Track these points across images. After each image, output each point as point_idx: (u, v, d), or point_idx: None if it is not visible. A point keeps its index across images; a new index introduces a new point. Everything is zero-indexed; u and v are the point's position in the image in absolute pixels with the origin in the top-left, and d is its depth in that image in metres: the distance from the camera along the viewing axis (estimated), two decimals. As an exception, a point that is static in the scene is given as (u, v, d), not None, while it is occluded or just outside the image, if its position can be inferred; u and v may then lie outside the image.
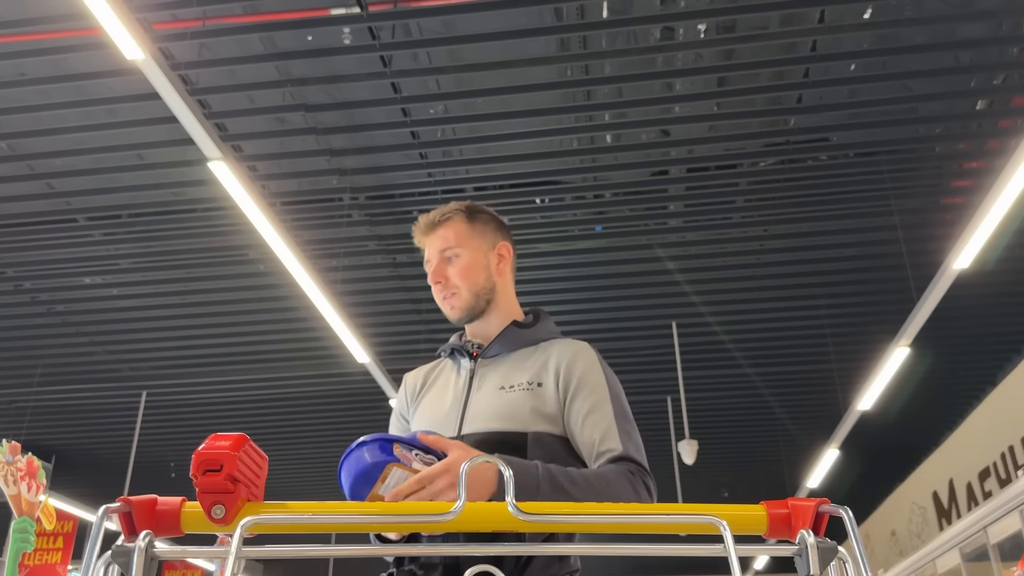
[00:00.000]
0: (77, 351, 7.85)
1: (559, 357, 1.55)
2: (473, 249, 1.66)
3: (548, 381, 1.52)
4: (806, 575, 0.69)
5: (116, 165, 5.46)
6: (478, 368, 1.62)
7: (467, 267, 1.65)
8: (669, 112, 5.09)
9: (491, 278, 1.68)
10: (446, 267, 1.66)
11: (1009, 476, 7.49)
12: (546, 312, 1.74)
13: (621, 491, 1.35)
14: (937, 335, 6.75)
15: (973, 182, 5.47)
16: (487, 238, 1.70)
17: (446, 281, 1.65)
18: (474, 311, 1.65)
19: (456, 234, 1.67)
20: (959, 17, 4.43)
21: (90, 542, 0.75)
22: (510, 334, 1.63)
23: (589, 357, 1.56)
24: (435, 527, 0.69)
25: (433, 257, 1.68)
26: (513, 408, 1.49)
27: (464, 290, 1.64)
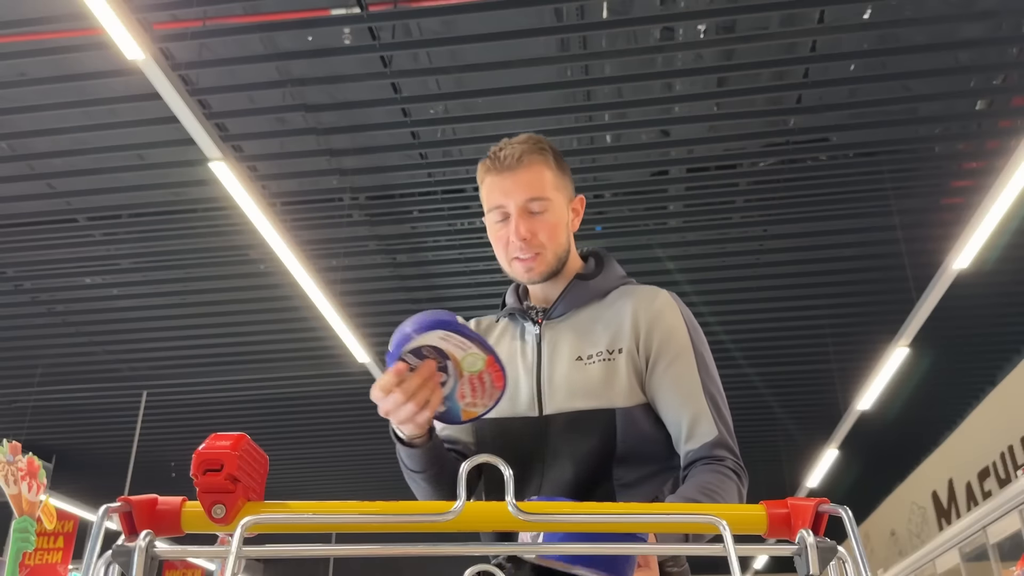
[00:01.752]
0: (77, 351, 7.85)
1: (637, 314, 1.37)
2: (560, 202, 1.42)
3: (627, 344, 1.36)
4: (805, 575, 0.69)
5: (116, 165, 5.47)
6: (545, 332, 1.43)
7: (556, 224, 1.41)
8: (669, 112, 5.09)
9: (569, 236, 1.46)
10: (532, 221, 1.39)
11: (1009, 476, 7.49)
12: (607, 253, 1.53)
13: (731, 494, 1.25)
14: (937, 335, 6.75)
15: (973, 182, 5.47)
16: (569, 189, 1.47)
17: (532, 238, 1.39)
18: (553, 272, 1.44)
19: (548, 181, 1.40)
20: (959, 17, 4.44)
21: (90, 542, 0.75)
22: (575, 290, 1.43)
23: (672, 313, 1.38)
24: (434, 527, 0.69)
25: (511, 205, 1.39)
26: (596, 382, 1.34)
27: (550, 252, 1.41)
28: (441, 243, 6.30)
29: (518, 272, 1.43)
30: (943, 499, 9.25)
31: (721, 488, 1.24)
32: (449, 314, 1.10)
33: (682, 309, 1.40)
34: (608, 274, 1.47)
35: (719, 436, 1.30)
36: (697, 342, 1.38)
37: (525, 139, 1.43)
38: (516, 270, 1.43)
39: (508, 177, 1.39)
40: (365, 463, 10.91)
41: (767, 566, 13.99)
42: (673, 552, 0.77)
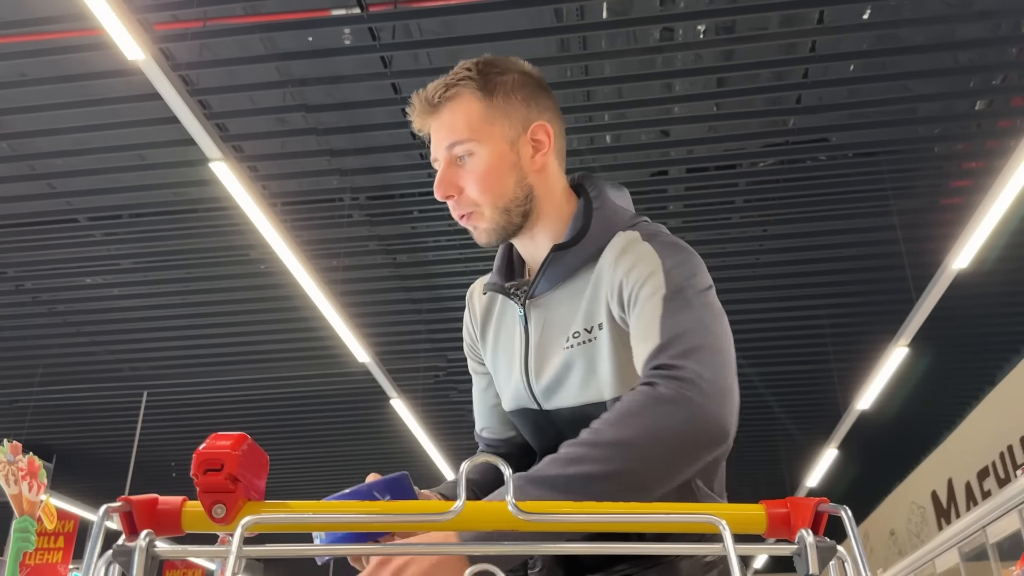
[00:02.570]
0: (78, 351, 7.86)
1: (612, 275, 1.12)
2: (495, 141, 1.15)
3: (605, 316, 1.12)
4: (805, 574, 0.69)
5: (117, 165, 5.47)
6: (529, 313, 1.21)
7: (487, 171, 1.14)
8: (669, 112, 5.10)
9: (525, 180, 1.17)
10: (456, 172, 1.15)
11: (1008, 476, 7.50)
12: (600, 196, 1.21)
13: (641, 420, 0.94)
14: (936, 335, 6.76)
15: (972, 182, 5.47)
16: (515, 119, 1.16)
17: (459, 194, 1.16)
18: (507, 231, 1.18)
19: (468, 120, 1.14)
20: (958, 18, 4.44)
21: (91, 542, 0.75)
22: (554, 265, 1.17)
23: (646, 261, 1.09)
24: (435, 526, 0.69)
25: (440, 155, 1.17)
26: (577, 372, 1.15)
27: (487, 206, 1.16)
28: (441, 243, 6.31)
29: (472, 233, 1.20)
30: (943, 499, 9.26)
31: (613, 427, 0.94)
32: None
33: (660, 250, 1.11)
34: (594, 233, 1.17)
35: (660, 346, 1.00)
36: (674, 281, 1.07)
37: (453, 70, 1.18)
38: (469, 230, 1.21)
39: (430, 121, 1.17)
40: (365, 463, 10.92)
41: (767, 566, 14.00)
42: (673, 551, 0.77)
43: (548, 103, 1.22)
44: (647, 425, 0.94)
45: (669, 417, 0.94)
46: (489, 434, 1.35)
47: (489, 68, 1.17)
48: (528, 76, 1.20)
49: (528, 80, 1.20)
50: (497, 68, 1.18)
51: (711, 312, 1.07)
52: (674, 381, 0.96)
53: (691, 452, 0.95)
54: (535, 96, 1.20)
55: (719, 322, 1.06)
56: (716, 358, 1.00)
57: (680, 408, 0.95)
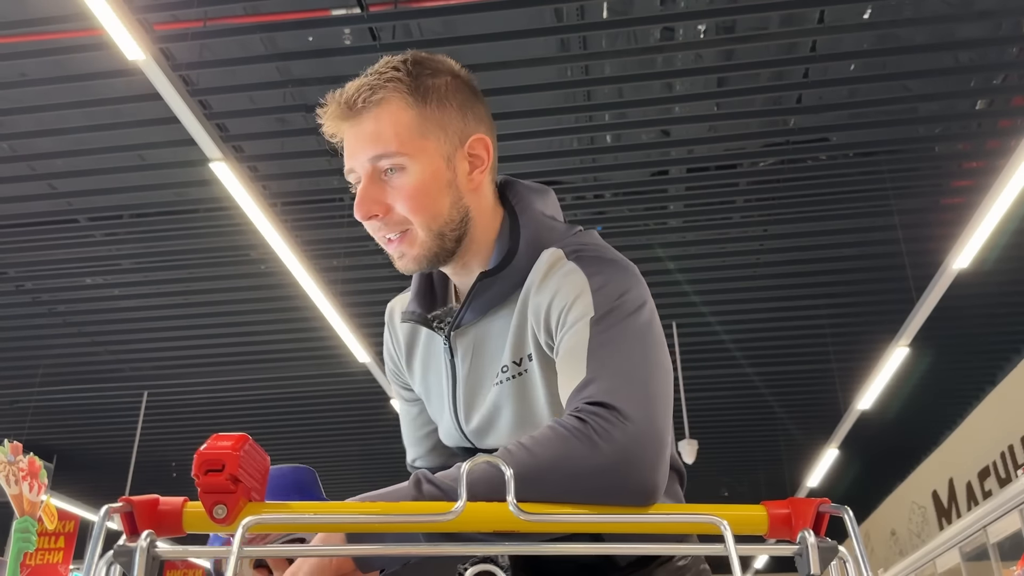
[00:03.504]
0: (79, 351, 7.86)
1: (536, 303, 1.01)
2: (429, 156, 1.01)
3: (533, 346, 1.02)
4: (807, 575, 0.69)
5: (118, 166, 5.47)
6: (455, 345, 1.10)
7: (419, 189, 1.01)
8: (669, 112, 5.10)
9: (461, 201, 1.04)
10: (382, 188, 1.01)
11: (1009, 475, 7.49)
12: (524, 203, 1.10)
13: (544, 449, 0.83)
14: (937, 335, 6.76)
15: (973, 182, 5.47)
16: (451, 131, 1.03)
17: (385, 213, 1.02)
18: (438, 258, 1.05)
19: (397, 131, 1.00)
20: (959, 17, 4.44)
21: (92, 542, 0.75)
22: (480, 294, 1.05)
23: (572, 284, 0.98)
24: (436, 527, 0.69)
25: (358, 167, 1.03)
26: (508, 410, 1.05)
27: (420, 227, 1.02)
28: (441, 243, 6.30)
29: (392, 259, 1.07)
30: (943, 499, 9.26)
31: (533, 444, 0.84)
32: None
33: (587, 268, 0.99)
34: (523, 253, 1.05)
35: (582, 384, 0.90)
36: (602, 303, 0.96)
37: (381, 65, 1.03)
38: (391, 256, 1.07)
39: (350, 126, 1.02)
40: (365, 463, 10.91)
41: (767, 566, 14.00)
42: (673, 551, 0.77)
43: (483, 111, 1.08)
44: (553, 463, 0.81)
45: (581, 460, 0.81)
46: (423, 464, 1.24)
47: (420, 69, 1.02)
48: (461, 80, 1.06)
49: (462, 85, 1.06)
50: (428, 69, 1.03)
51: (644, 340, 0.94)
52: (595, 419, 0.84)
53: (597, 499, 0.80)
54: (471, 104, 1.06)
55: (653, 352, 0.94)
56: (646, 397, 0.88)
57: (594, 452, 0.81)
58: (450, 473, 0.81)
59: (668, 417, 0.89)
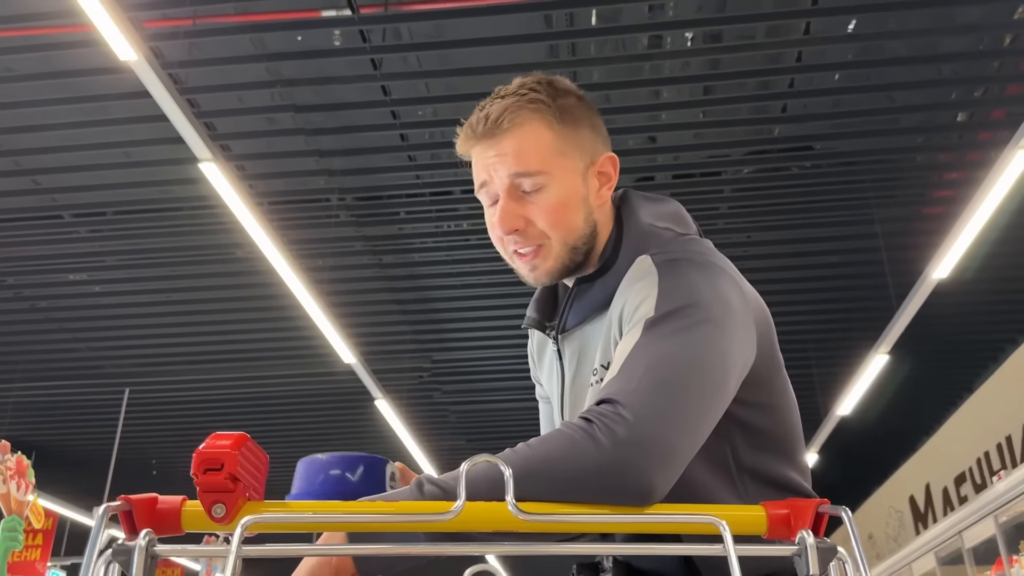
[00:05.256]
0: (60, 347, 7.81)
1: (619, 309, 1.03)
2: (567, 173, 1.06)
3: (614, 351, 1.02)
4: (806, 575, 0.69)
5: (103, 162, 5.45)
6: (563, 347, 1.15)
7: (559, 205, 1.05)
8: (656, 119, 5.14)
9: (591, 215, 1.08)
10: (523, 205, 1.05)
11: (985, 481, 7.58)
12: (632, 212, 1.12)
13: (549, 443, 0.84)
14: (916, 343, 6.83)
15: (953, 192, 5.54)
16: (585, 150, 1.08)
17: (525, 227, 1.06)
18: (568, 270, 1.09)
19: (539, 149, 1.04)
20: (941, 31, 4.51)
21: (90, 541, 0.74)
22: (579, 299, 1.10)
23: (642, 287, 0.99)
24: (435, 526, 0.70)
25: (496, 183, 1.06)
26: None
27: (557, 242, 1.06)
28: (428, 245, 6.32)
29: (521, 271, 1.12)
30: (920, 504, 9.35)
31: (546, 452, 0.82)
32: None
33: (663, 271, 1.00)
34: (623, 261, 1.07)
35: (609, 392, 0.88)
36: (665, 306, 0.95)
37: (516, 87, 1.08)
38: (518, 268, 1.12)
39: (490, 146, 1.05)
40: (348, 463, 10.89)
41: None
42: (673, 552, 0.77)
43: (605, 131, 1.13)
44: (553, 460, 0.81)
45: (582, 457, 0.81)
46: None
47: (555, 91, 1.08)
48: (587, 102, 1.12)
49: (590, 106, 1.11)
50: (563, 92, 1.09)
51: (690, 348, 0.91)
52: (601, 417, 0.83)
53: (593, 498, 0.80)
54: (598, 124, 1.11)
55: (697, 362, 0.91)
56: (664, 402, 0.85)
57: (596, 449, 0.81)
58: (452, 473, 0.81)
59: (686, 425, 0.86)
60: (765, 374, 1.06)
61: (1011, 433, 7.22)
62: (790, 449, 1.06)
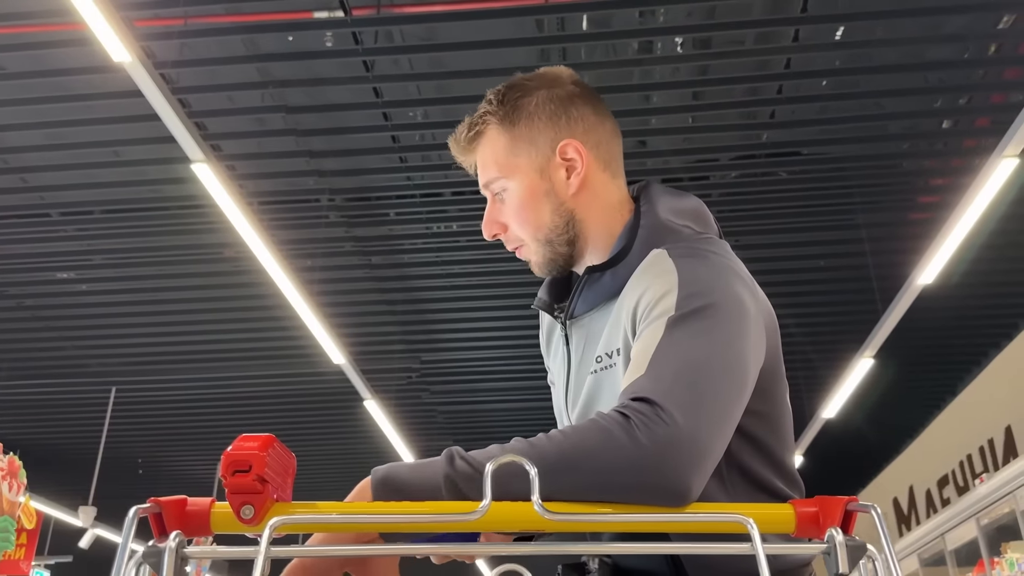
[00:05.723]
0: (46, 346, 7.77)
1: (631, 300, 1.03)
2: (523, 172, 1.11)
3: (623, 341, 1.04)
4: (835, 574, 0.68)
5: (92, 161, 5.43)
6: (571, 332, 1.16)
7: (521, 206, 1.11)
8: (646, 124, 5.17)
9: (563, 207, 1.12)
10: (500, 209, 1.14)
11: (967, 484, 7.67)
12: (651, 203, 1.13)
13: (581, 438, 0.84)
14: (901, 347, 6.90)
15: (939, 198, 5.61)
16: (540, 143, 1.11)
17: (504, 231, 1.15)
18: (556, 263, 1.14)
19: (495, 157, 1.11)
20: (928, 39, 4.57)
21: (121, 544, 0.74)
22: (589, 286, 1.11)
23: (659, 281, 0.99)
24: (461, 526, 0.70)
25: (485, 193, 1.17)
26: (595, 397, 1.08)
27: (529, 241, 1.13)
28: (418, 246, 6.33)
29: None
30: (904, 506, 9.43)
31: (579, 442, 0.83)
32: None
33: (682, 266, 1.00)
34: (637, 250, 1.08)
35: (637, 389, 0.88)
36: (686, 302, 0.96)
37: (481, 104, 1.15)
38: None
39: (469, 159, 1.17)
40: (338, 464, 10.87)
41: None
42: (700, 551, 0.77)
43: (581, 113, 1.14)
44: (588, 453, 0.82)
45: (617, 451, 0.82)
46: None
47: (511, 93, 1.13)
48: (556, 90, 1.14)
49: (555, 95, 1.13)
50: (519, 91, 1.13)
51: (717, 346, 0.93)
52: (638, 414, 0.84)
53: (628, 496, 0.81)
54: (563, 111, 1.13)
55: (725, 361, 0.93)
56: (697, 402, 0.87)
57: (633, 445, 0.82)
58: (483, 451, 0.84)
59: (719, 427, 0.88)
60: (769, 382, 1.04)
61: (993, 436, 7.30)
62: (779, 458, 1.07)
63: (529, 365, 7.92)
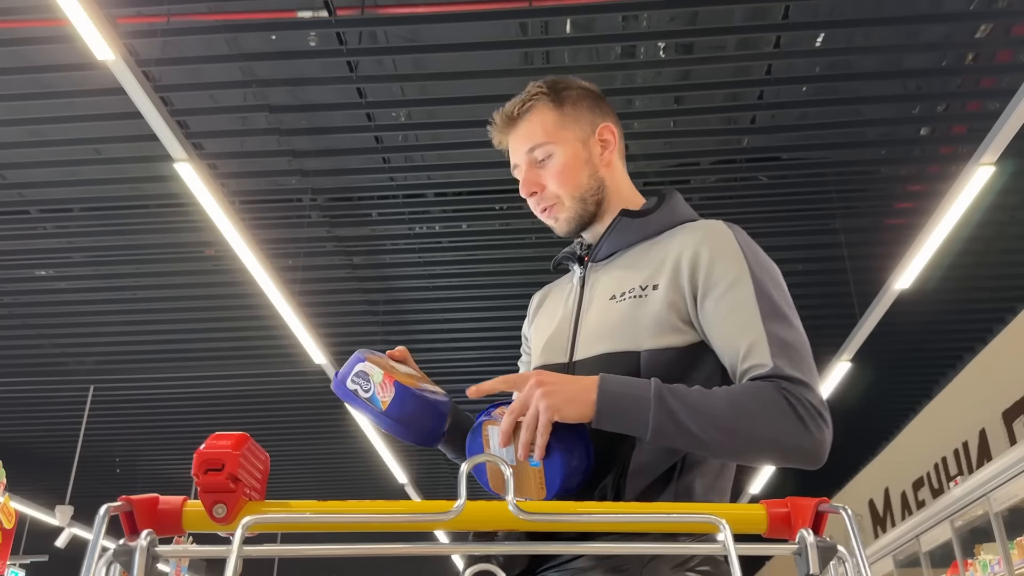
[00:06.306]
0: (24, 344, 7.70)
1: (682, 246, 1.24)
2: (569, 142, 1.33)
3: (666, 279, 1.22)
4: (805, 574, 0.69)
5: (72, 158, 5.40)
6: (589, 275, 1.35)
7: (564, 167, 1.32)
8: (628, 128, 5.19)
9: (597, 174, 1.35)
10: (538, 172, 1.34)
11: (942, 487, 7.75)
12: (675, 192, 1.39)
13: (769, 414, 1.07)
14: (877, 351, 6.97)
15: (915, 204, 5.68)
16: (583, 123, 1.35)
17: (542, 190, 1.34)
18: (583, 219, 1.35)
19: (544, 127, 1.33)
20: (907, 48, 4.62)
21: (91, 542, 0.73)
22: (620, 227, 1.32)
23: (723, 239, 1.23)
24: (435, 525, 0.71)
25: (520, 161, 1.35)
26: (621, 321, 1.22)
27: (566, 197, 1.33)
28: (400, 246, 6.33)
29: (549, 224, 1.38)
30: (879, 507, 9.52)
31: (756, 404, 1.08)
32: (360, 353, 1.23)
33: (739, 237, 1.25)
34: (665, 211, 1.33)
35: (775, 367, 1.11)
36: (758, 271, 1.21)
37: (527, 89, 1.37)
38: (548, 223, 1.38)
39: (510, 133, 1.36)
40: (317, 464, 10.84)
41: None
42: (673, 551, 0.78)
43: (608, 110, 1.40)
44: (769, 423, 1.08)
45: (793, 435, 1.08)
46: None
47: (556, 84, 1.37)
48: (589, 89, 1.39)
49: (590, 92, 1.39)
50: (563, 84, 1.37)
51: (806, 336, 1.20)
52: (810, 408, 1.10)
53: (783, 461, 1.13)
54: (598, 104, 1.38)
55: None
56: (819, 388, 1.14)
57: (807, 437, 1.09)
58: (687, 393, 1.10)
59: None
60: None
61: (968, 439, 7.39)
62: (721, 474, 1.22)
63: (510, 366, 7.91)
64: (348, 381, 1.22)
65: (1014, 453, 4.96)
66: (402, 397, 1.15)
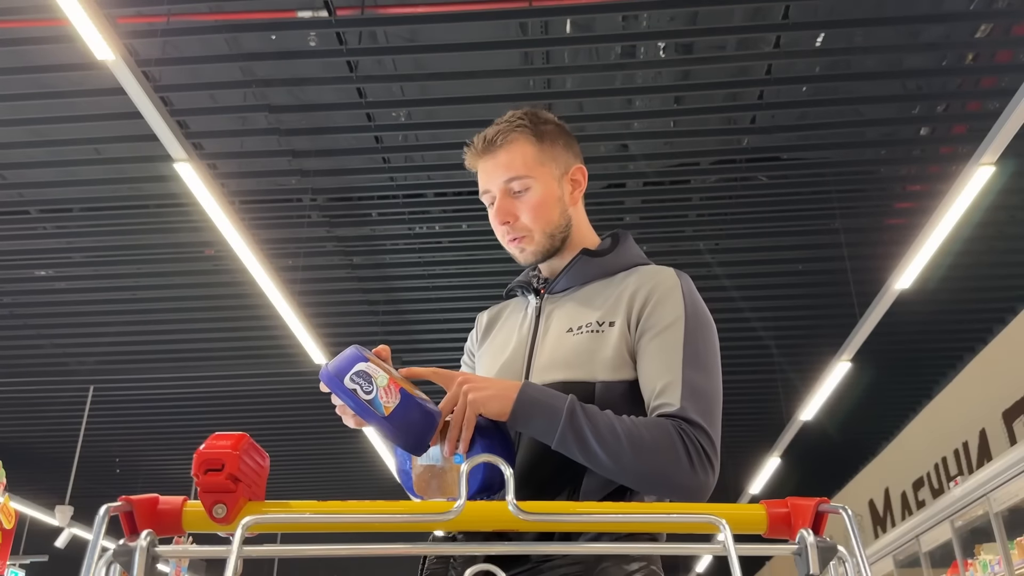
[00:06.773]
0: (24, 344, 7.70)
1: (636, 287, 1.30)
2: (545, 178, 1.36)
3: (621, 318, 1.28)
4: (805, 574, 0.69)
5: (72, 159, 5.40)
6: (545, 306, 1.39)
7: (541, 203, 1.35)
8: (628, 127, 5.20)
9: (566, 212, 1.40)
10: (513, 203, 1.36)
11: (942, 487, 7.75)
12: (628, 234, 1.46)
13: (660, 449, 1.13)
14: (877, 350, 6.97)
15: (915, 204, 5.67)
16: (559, 161, 1.39)
17: (515, 221, 1.36)
18: (548, 253, 1.39)
19: (524, 159, 1.35)
20: (906, 48, 4.62)
21: (91, 542, 0.73)
22: (580, 265, 1.38)
23: (670, 287, 1.29)
24: (436, 526, 0.71)
25: (494, 188, 1.37)
26: (578, 353, 1.27)
27: (538, 232, 1.36)
28: (399, 246, 6.33)
29: (513, 253, 1.41)
30: (879, 507, 9.52)
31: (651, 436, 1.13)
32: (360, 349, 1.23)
33: (685, 286, 1.31)
34: (621, 253, 1.40)
35: (680, 409, 1.17)
36: (692, 321, 1.27)
37: (508, 117, 1.39)
38: (512, 251, 1.41)
39: (488, 159, 1.37)
40: (317, 464, 10.84)
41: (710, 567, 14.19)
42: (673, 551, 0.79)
43: (579, 151, 1.45)
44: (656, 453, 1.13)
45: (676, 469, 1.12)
46: None
47: (536, 117, 1.40)
48: (562, 127, 1.44)
49: (563, 130, 1.43)
50: (542, 118, 1.41)
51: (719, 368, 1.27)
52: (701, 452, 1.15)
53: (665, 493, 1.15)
54: (570, 144, 1.43)
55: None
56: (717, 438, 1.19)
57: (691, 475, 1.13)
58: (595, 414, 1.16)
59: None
60: None
61: (968, 439, 7.39)
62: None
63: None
64: (347, 379, 1.21)
65: (1014, 453, 4.96)
66: (406, 406, 1.14)
